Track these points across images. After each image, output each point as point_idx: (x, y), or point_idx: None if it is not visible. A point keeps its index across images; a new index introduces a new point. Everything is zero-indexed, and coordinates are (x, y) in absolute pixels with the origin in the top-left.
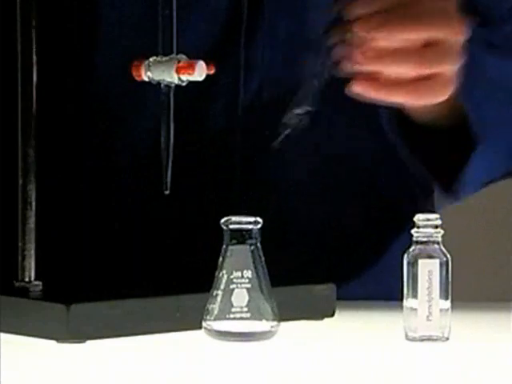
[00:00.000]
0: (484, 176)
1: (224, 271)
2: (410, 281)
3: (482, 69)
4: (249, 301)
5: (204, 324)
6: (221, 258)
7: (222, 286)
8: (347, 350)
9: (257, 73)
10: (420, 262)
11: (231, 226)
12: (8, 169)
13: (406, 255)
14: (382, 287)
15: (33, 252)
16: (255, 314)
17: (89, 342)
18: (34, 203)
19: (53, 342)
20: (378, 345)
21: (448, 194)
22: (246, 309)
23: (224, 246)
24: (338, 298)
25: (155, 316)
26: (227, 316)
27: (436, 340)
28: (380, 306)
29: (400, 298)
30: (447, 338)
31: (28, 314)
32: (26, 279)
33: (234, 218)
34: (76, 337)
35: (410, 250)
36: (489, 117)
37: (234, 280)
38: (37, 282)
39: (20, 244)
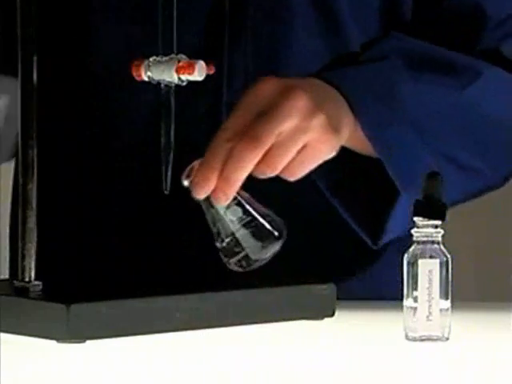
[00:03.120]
0: (407, 220)
1: (211, 209)
2: (410, 281)
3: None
4: (243, 211)
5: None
6: (203, 204)
7: (217, 217)
8: (347, 350)
9: (241, 75)
10: (420, 262)
11: None
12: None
13: (406, 255)
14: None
15: (33, 252)
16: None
17: (89, 342)
18: (34, 203)
19: (53, 342)
20: (378, 345)
21: (372, 242)
22: (245, 216)
23: None
24: (338, 298)
25: (155, 316)
26: (233, 230)
27: (436, 340)
28: (380, 306)
29: (400, 297)
30: (447, 338)
31: (28, 313)
32: (26, 279)
33: None
34: (76, 337)
35: (410, 249)
36: (410, 166)
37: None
38: (37, 282)
39: (20, 244)
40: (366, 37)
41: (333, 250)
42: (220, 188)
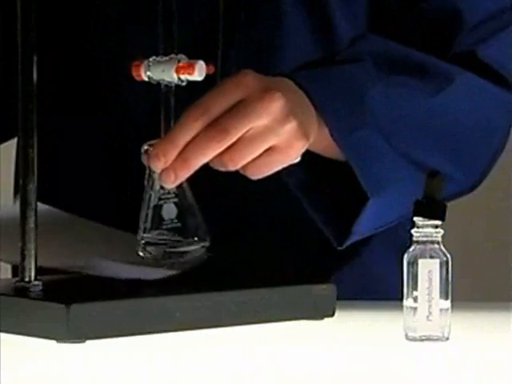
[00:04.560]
0: (374, 223)
1: (151, 191)
2: (410, 281)
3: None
4: (178, 214)
5: (138, 238)
6: (146, 182)
7: (152, 204)
8: (347, 350)
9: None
10: (420, 261)
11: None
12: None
13: (406, 255)
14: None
15: (33, 252)
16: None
17: (89, 342)
18: (34, 203)
19: (53, 342)
20: (378, 345)
21: (338, 243)
22: (176, 220)
23: (148, 171)
24: (338, 298)
25: (155, 316)
26: (160, 227)
27: (436, 340)
28: (380, 306)
29: (399, 297)
30: (447, 338)
31: (28, 313)
32: (26, 279)
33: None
34: (76, 337)
35: (410, 249)
36: (379, 172)
37: (162, 196)
38: (37, 282)
39: (20, 244)
40: (356, 32)
41: (302, 250)
42: (174, 167)
